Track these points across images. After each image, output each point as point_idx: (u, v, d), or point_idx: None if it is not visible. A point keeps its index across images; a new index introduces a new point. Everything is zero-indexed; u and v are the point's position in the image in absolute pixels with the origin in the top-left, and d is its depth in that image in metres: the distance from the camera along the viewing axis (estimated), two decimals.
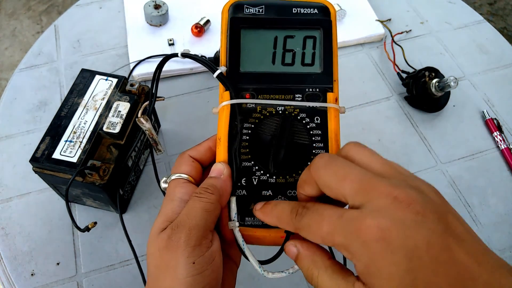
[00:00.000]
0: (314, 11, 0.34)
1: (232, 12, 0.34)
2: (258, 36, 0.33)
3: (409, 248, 0.20)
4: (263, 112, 0.31)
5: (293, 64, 0.33)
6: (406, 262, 0.20)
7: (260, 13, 0.34)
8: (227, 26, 0.33)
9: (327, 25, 0.33)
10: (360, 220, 0.21)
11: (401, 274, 0.20)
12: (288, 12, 0.34)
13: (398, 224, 0.21)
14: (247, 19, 0.33)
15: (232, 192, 0.29)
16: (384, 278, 0.20)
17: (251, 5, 0.34)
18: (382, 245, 0.20)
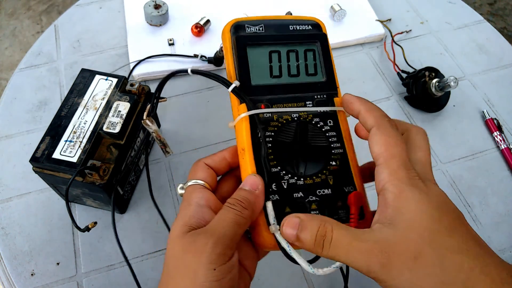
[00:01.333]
0: (308, 27, 0.38)
1: (235, 32, 0.36)
2: (263, 52, 0.36)
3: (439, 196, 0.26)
4: (280, 120, 0.33)
5: (298, 75, 0.36)
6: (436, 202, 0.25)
7: (260, 31, 0.37)
8: (232, 44, 0.36)
9: (323, 38, 0.38)
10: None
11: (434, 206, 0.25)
12: (286, 29, 0.37)
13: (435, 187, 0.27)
14: (251, 37, 0.36)
15: (266, 197, 0.30)
16: (419, 204, 0.25)
17: (251, 24, 0.37)
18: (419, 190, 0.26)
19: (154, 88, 0.59)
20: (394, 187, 0.25)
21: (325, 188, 0.32)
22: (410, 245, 0.23)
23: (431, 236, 0.23)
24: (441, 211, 0.24)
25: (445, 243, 0.23)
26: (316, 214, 0.29)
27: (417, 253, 0.23)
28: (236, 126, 0.34)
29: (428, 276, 0.23)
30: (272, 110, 0.34)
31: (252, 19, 0.37)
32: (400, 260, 0.23)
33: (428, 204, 0.24)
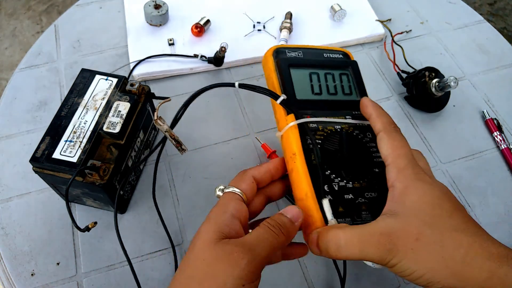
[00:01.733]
0: (339, 56, 0.44)
1: (277, 56, 0.42)
2: (304, 72, 0.41)
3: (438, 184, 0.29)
4: (325, 130, 0.37)
5: (336, 93, 0.41)
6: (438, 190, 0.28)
7: (299, 56, 0.43)
8: (276, 65, 0.41)
9: (355, 65, 0.43)
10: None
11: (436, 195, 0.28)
12: (321, 56, 0.43)
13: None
14: (293, 59, 0.42)
15: (321, 195, 0.33)
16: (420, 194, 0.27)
17: (291, 50, 0.43)
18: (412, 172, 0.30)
19: (154, 88, 0.60)
20: (401, 183, 0.28)
21: (371, 192, 0.35)
22: (411, 229, 0.26)
23: (431, 220, 0.26)
24: (442, 198, 0.27)
25: (445, 224, 0.26)
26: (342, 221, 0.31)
27: (418, 234, 0.25)
28: (284, 135, 0.37)
29: (429, 253, 0.25)
30: (319, 119, 0.38)
31: (291, 46, 0.43)
32: (403, 243, 0.25)
33: (431, 194, 0.27)
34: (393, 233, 0.26)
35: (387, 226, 0.26)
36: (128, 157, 0.45)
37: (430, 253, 0.25)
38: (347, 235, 0.27)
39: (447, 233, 0.25)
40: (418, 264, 0.25)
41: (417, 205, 0.27)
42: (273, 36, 0.62)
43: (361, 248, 0.27)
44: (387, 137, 0.31)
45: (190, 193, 0.49)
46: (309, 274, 0.44)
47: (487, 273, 0.24)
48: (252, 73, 0.60)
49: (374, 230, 0.27)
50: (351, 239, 0.27)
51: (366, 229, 0.27)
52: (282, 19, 0.64)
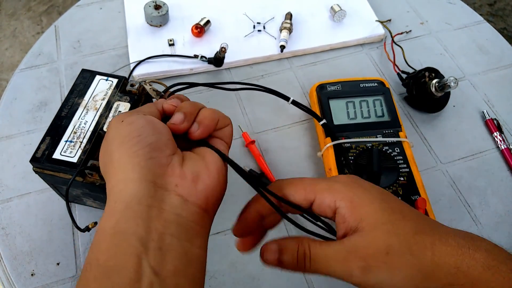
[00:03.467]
0: (375, 84, 0.53)
1: (319, 91, 0.53)
2: (342, 102, 0.52)
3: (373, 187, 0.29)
4: (357, 148, 0.47)
5: (369, 116, 0.50)
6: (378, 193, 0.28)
7: (338, 89, 0.53)
8: (318, 98, 0.52)
9: (387, 92, 0.53)
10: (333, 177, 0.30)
11: (379, 201, 0.27)
12: (358, 86, 0.53)
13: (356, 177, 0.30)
14: (332, 92, 0.52)
15: None
16: (368, 203, 0.27)
17: (331, 84, 0.53)
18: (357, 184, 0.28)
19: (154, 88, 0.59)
20: (345, 201, 0.27)
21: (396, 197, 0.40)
22: (379, 244, 0.25)
23: (394, 228, 0.25)
24: (388, 199, 0.27)
25: (406, 228, 0.25)
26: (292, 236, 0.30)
27: (387, 247, 0.25)
28: (323, 154, 0.48)
29: (402, 263, 0.25)
30: (349, 140, 0.47)
31: (331, 81, 0.54)
32: (375, 259, 0.25)
33: (377, 198, 0.27)
34: (362, 250, 0.25)
35: (354, 244, 0.26)
36: None
37: (403, 263, 0.25)
38: (316, 249, 0.26)
39: (411, 239, 0.25)
40: (393, 276, 0.24)
41: (374, 217, 0.26)
42: (273, 37, 0.62)
43: (329, 264, 0.26)
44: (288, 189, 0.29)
45: None
46: (309, 274, 0.44)
47: (453, 269, 0.24)
48: (252, 74, 0.60)
49: (342, 247, 0.26)
50: (320, 253, 0.26)
51: (334, 246, 0.26)
52: (282, 19, 0.64)
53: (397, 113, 0.51)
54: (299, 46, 0.62)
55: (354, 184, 0.28)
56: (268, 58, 0.62)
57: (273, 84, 0.59)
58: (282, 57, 0.62)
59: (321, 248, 0.26)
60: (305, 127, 0.55)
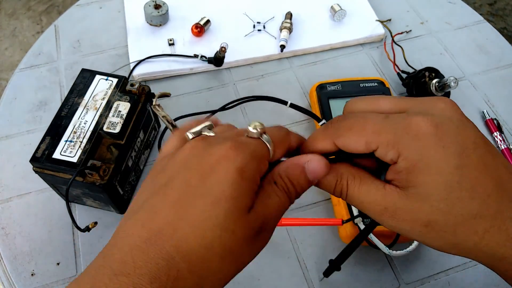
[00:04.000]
0: (375, 84, 0.53)
1: (319, 90, 0.53)
2: (341, 102, 0.51)
3: (459, 144, 0.21)
4: None
5: None
6: (456, 158, 0.21)
7: (338, 88, 0.53)
8: (318, 98, 0.53)
9: (387, 92, 0.53)
10: (409, 118, 0.22)
11: (450, 170, 0.21)
12: (358, 86, 0.53)
13: (448, 121, 0.22)
14: (331, 92, 0.52)
15: None
16: (432, 173, 0.21)
17: (331, 84, 0.53)
18: (435, 139, 0.21)
19: (154, 88, 0.60)
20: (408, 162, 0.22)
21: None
22: (420, 215, 0.22)
23: (445, 207, 0.21)
24: (465, 172, 0.21)
25: (461, 210, 0.21)
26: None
27: (428, 221, 0.22)
28: None
29: (438, 238, 0.22)
30: None
31: (331, 81, 0.54)
32: (411, 226, 0.23)
33: (444, 168, 0.21)
34: (399, 213, 0.23)
35: (394, 204, 0.23)
36: (128, 157, 0.45)
37: (439, 238, 0.22)
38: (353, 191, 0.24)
39: (463, 221, 0.21)
40: (424, 241, 0.23)
41: (430, 187, 0.21)
42: (273, 36, 0.62)
43: (364, 208, 0.24)
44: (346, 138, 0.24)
45: None
46: (309, 274, 0.44)
47: (497, 261, 0.22)
48: (252, 73, 0.60)
49: (381, 200, 0.23)
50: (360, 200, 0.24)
51: (374, 196, 0.23)
52: (282, 19, 0.64)
53: None
54: (299, 45, 0.62)
55: (431, 139, 0.21)
56: (268, 58, 0.61)
57: (273, 84, 0.59)
58: (282, 57, 0.62)
59: (360, 191, 0.24)
60: (305, 127, 0.55)
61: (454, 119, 0.22)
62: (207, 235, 0.20)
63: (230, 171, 0.21)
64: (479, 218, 0.21)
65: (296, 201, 0.25)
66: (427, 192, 0.22)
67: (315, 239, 0.46)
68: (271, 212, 0.22)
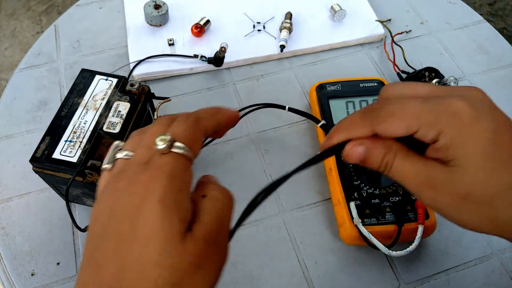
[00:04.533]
0: (374, 84, 0.53)
1: (319, 90, 0.53)
2: (341, 102, 0.52)
3: (493, 122, 0.24)
4: None
5: None
6: (492, 133, 0.23)
7: (338, 88, 0.53)
8: (318, 98, 0.52)
9: None
10: (448, 100, 0.24)
11: (487, 143, 0.23)
12: (357, 86, 0.53)
13: (483, 103, 0.24)
14: (331, 92, 0.52)
15: (349, 199, 0.43)
16: (470, 146, 0.23)
17: (331, 84, 0.53)
18: (472, 117, 0.23)
19: (154, 88, 0.60)
20: (448, 138, 0.24)
21: (396, 196, 0.43)
22: (459, 186, 0.24)
23: (483, 177, 0.23)
24: (501, 141, 0.23)
25: (499, 180, 0.23)
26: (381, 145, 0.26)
27: (466, 193, 0.23)
28: None
29: (475, 211, 0.24)
30: None
31: (331, 81, 0.53)
32: (450, 198, 0.24)
33: (485, 138, 0.23)
34: (439, 184, 0.24)
35: (434, 177, 0.24)
36: None
37: (476, 211, 0.23)
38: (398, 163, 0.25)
39: (499, 192, 0.23)
40: (460, 216, 0.24)
41: (468, 159, 0.23)
42: (273, 37, 0.62)
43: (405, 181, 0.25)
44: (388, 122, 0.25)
45: None
46: (309, 274, 0.44)
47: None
48: (252, 73, 0.60)
49: (423, 173, 0.25)
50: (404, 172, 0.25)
51: (418, 169, 0.25)
52: (282, 19, 0.64)
53: None
54: (299, 45, 0.62)
55: (469, 117, 0.23)
56: (268, 58, 0.61)
57: (272, 84, 0.59)
58: (282, 57, 0.62)
59: (404, 164, 0.25)
60: (305, 127, 0.55)
61: (486, 103, 0.25)
62: (150, 276, 0.19)
63: (153, 206, 0.20)
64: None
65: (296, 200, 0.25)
66: (466, 164, 0.23)
67: (315, 239, 0.46)
68: (211, 227, 0.22)
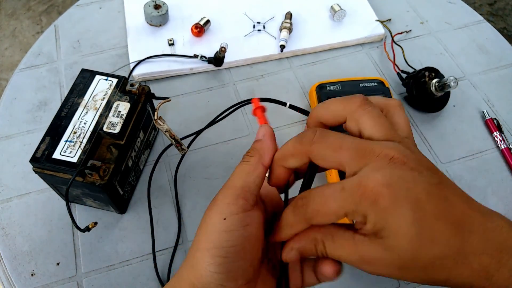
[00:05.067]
0: (375, 84, 0.53)
1: (319, 90, 0.53)
2: None
3: (412, 200, 0.22)
4: None
5: None
6: (412, 213, 0.22)
7: (338, 88, 0.52)
8: (318, 98, 0.52)
9: (387, 91, 0.53)
10: (363, 184, 0.23)
11: (408, 226, 0.22)
12: (357, 86, 0.53)
13: (399, 180, 0.22)
14: (331, 92, 0.52)
15: None
16: (393, 230, 0.22)
17: (331, 84, 0.53)
18: (389, 201, 0.22)
19: (154, 88, 0.60)
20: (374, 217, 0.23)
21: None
22: (393, 261, 0.23)
23: (412, 255, 0.23)
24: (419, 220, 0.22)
25: (430, 252, 0.22)
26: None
27: (401, 266, 0.24)
28: None
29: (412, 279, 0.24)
30: None
31: (331, 81, 0.53)
32: (385, 270, 0.24)
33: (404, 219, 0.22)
34: (372, 261, 0.24)
35: (367, 252, 0.24)
36: (128, 157, 0.45)
37: (414, 277, 0.24)
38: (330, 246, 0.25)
39: (429, 263, 0.23)
40: (404, 280, 0.25)
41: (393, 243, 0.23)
42: (273, 36, 0.62)
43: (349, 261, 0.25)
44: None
45: (190, 193, 0.49)
46: None
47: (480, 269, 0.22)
48: (252, 73, 0.60)
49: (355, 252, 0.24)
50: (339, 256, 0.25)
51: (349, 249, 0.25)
52: (282, 19, 0.64)
53: None
54: (299, 45, 0.62)
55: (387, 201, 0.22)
56: (268, 58, 0.61)
57: (272, 84, 0.59)
58: (282, 57, 0.62)
59: (335, 249, 0.25)
60: (304, 127, 0.55)
61: (406, 176, 0.23)
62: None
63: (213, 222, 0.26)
64: (444, 259, 0.23)
65: None
66: (393, 245, 0.23)
67: None
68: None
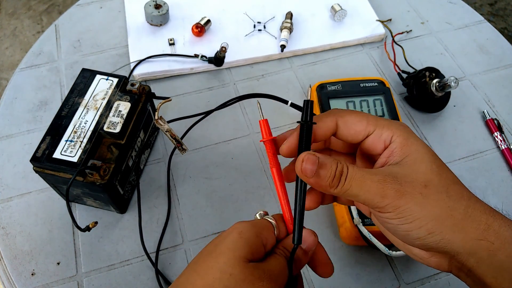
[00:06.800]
0: (375, 84, 0.53)
1: (320, 90, 0.53)
2: (342, 102, 0.52)
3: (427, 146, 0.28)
4: None
5: None
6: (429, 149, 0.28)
7: (339, 88, 0.53)
8: (318, 98, 0.52)
9: (387, 92, 0.53)
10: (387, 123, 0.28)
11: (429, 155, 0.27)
12: (358, 86, 0.53)
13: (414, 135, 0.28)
14: (332, 92, 0.52)
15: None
16: (420, 144, 0.27)
17: (331, 84, 0.53)
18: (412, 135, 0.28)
19: (155, 88, 0.60)
20: (400, 136, 0.28)
21: None
22: (419, 176, 0.26)
23: (437, 169, 0.26)
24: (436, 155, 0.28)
25: (448, 175, 0.27)
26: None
27: (426, 181, 0.26)
28: None
29: (437, 200, 0.25)
30: None
31: (331, 81, 0.54)
32: (412, 187, 0.25)
33: (424, 145, 0.28)
34: (400, 177, 0.26)
35: (393, 171, 0.26)
36: (129, 157, 0.45)
37: (438, 200, 0.25)
38: (353, 169, 0.27)
39: (451, 184, 0.26)
40: (424, 210, 0.25)
41: (421, 154, 0.27)
42: (274, 36, 0.62)
43: (363, 183, 0.26)
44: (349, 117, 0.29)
45: (190, 193, 0.49)
46: (309, 275, 0.44)
47: (484, 225, 0.25)
48: (253, 73, 0.60)
49: (380, 172, 0.26)
50: (357, 173, 0.26)
51: (371, 170, 0.27)
52: (283, 19, 0.64)
53: (398, 113, 0.51)
54: (300, 45, 0.62)
55: (408, 129, 0.28)
56: (269, 58, 0.61)
57: (273, 84, 0.59)
58: (282, 57, 0.62)
59: (359, 169, 0.27)
60: None
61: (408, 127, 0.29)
62: (209, 278, 0.26)
63: (233, 233, 0.28)
64: (460, 185, 0.27)
65: None
66: (421, 157, 0.27)
67: None
68: (273, 268, 0.28)
